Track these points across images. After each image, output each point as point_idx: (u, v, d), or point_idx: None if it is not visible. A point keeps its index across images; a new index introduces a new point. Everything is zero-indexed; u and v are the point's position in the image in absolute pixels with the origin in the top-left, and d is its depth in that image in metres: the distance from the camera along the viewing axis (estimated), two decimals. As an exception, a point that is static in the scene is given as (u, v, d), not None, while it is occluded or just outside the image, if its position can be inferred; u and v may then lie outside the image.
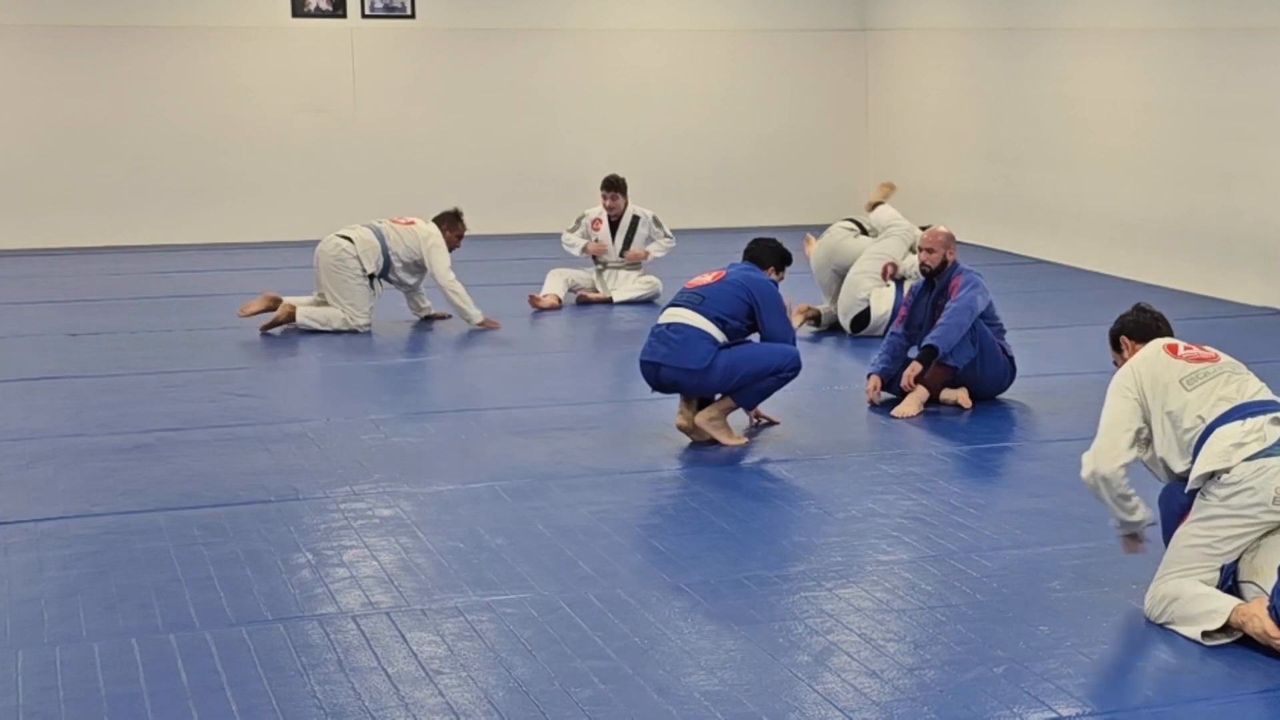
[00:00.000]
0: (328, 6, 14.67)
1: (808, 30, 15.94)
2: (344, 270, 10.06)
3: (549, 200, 15.22)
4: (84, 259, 13.50)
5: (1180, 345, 5.13)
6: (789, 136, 15.96)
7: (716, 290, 7.24)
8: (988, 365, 7.94)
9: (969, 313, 7.85)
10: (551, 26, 15.25)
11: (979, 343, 7.86)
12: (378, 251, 10.11)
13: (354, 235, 10.17)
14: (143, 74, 14.33)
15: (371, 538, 5.80)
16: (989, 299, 8.02)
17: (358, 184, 14.58)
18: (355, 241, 10.12)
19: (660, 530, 5.89)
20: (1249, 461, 4.72)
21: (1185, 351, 5.07)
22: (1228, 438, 4.78)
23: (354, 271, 10.06)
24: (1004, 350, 8.03)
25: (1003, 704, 4.26)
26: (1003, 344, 8.05)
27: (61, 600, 5.15)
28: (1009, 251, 13.72)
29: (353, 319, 10.06)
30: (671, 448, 7.13)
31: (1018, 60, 13.72)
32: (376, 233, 10.19)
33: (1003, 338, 8.09)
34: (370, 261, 10.08)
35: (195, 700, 4.33)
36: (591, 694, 4.36)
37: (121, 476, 6.66)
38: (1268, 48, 10.77)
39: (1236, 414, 4.83)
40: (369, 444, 7.21)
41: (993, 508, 6.18)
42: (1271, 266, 10.84)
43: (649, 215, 11.60)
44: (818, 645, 4.71)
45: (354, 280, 10.06)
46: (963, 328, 7.81)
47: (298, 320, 10.03)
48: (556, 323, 10.56)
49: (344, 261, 10.07)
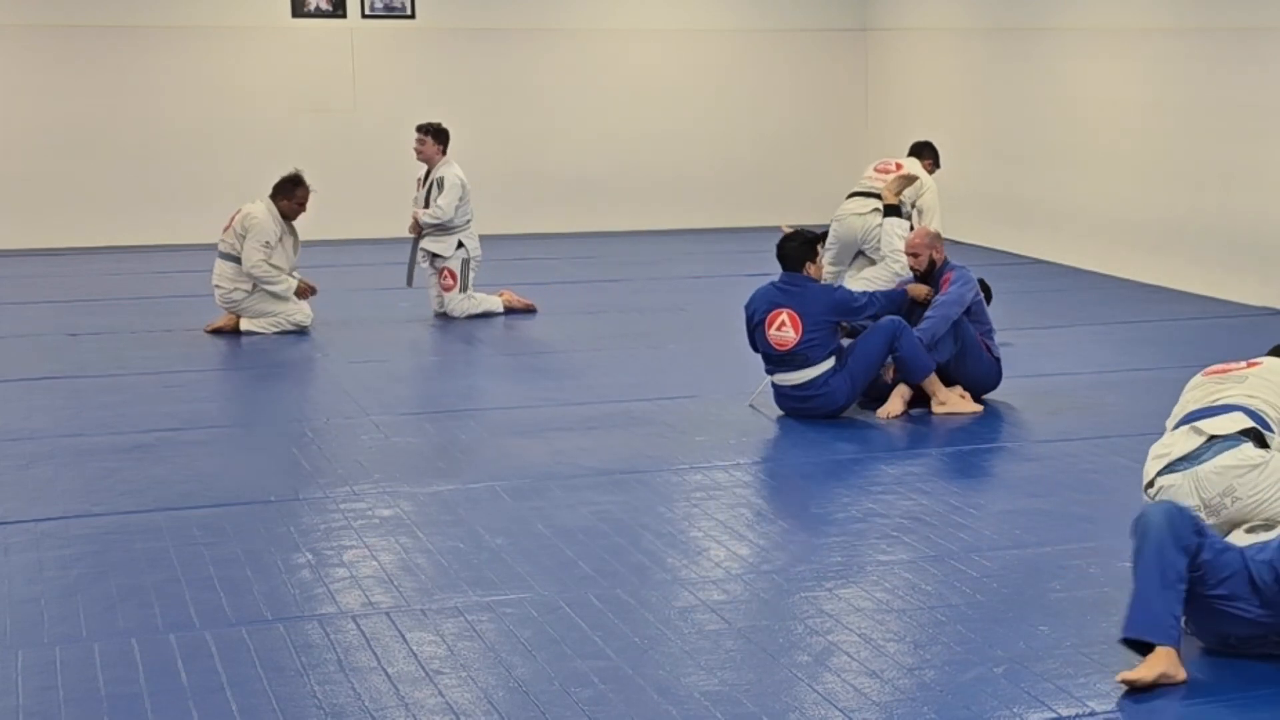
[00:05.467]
0: (328, 6, 14.67)
1: (808, 30, 15.95)
2: (239, 304, 10.05)
3: (549, 200, 15.24)
4: (84, 259, 13.51)
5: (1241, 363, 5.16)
6: (789, 136, 15.96)
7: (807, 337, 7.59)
8: (970, 363, 7.86)
9: (957, 306, 7.80)
10: (551, 26, 15.25)
11: (960, 339, 7.81)
12: (235, 269, 10.00)
13: (214, 275, 10.09)
14: (143, 74, 14.34)
15: (371, 538, 5.80)
16: (979, 298, 8.01)
17: (358, 184, 14.57)
18: (218, 279, 10.05)
19: (660, 530, 5.89)
20: (1161, 475, 4.83)
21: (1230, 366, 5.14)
22: (1155, 450, 4.92)
23: (245, 297, 10.01)
24: (989, 349, 7.97)
25: (1003, 704, 4.26)
26: (989, 343, 8.00)
27: (61, 600, 5.15)
28: (1009, 251, 13.72)
29: (289, 319, 10.06)
30: (671, 448, 7.13)
31: (1018, 60, 13.72)
32: (222, 255, 10.08)
33: (991, 338, 8.04)
34: (240, 283, 9.99)
35: (195, 700, 4.33)
36: (591, 694, 4.36)
37: (121, 476, 6.66)
38: (1268, 48, 10.77)
39: (1182, 423, 4.93)
40: (369, 444, 7.21)
41: (993, 508, 6.18)
42: (1271, 266, 10.84)
43: (442, 175, 10.55)
44: (818, 645, 4.71)
45: (252, 300, 10.02)
46: (949, 319, 7.77)
47: (242, 328, 10.03)
48: (556, 323, 10.55)
49: (231, 299, 10.04)
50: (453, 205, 10.49)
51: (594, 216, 15.38)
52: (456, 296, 10.59)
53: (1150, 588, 4.34)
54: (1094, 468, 6.72)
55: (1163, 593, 4.33)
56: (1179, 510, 4.43)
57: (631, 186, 15.56)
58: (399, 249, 11.30)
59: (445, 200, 10.47)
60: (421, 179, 10.78)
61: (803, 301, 7.60)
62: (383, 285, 11.17)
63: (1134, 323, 10.37)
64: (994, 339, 8.08)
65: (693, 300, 11.28)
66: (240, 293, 10.03)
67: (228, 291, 10.05)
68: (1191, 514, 4.46)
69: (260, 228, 10.00)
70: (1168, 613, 4.33)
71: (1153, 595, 4.34)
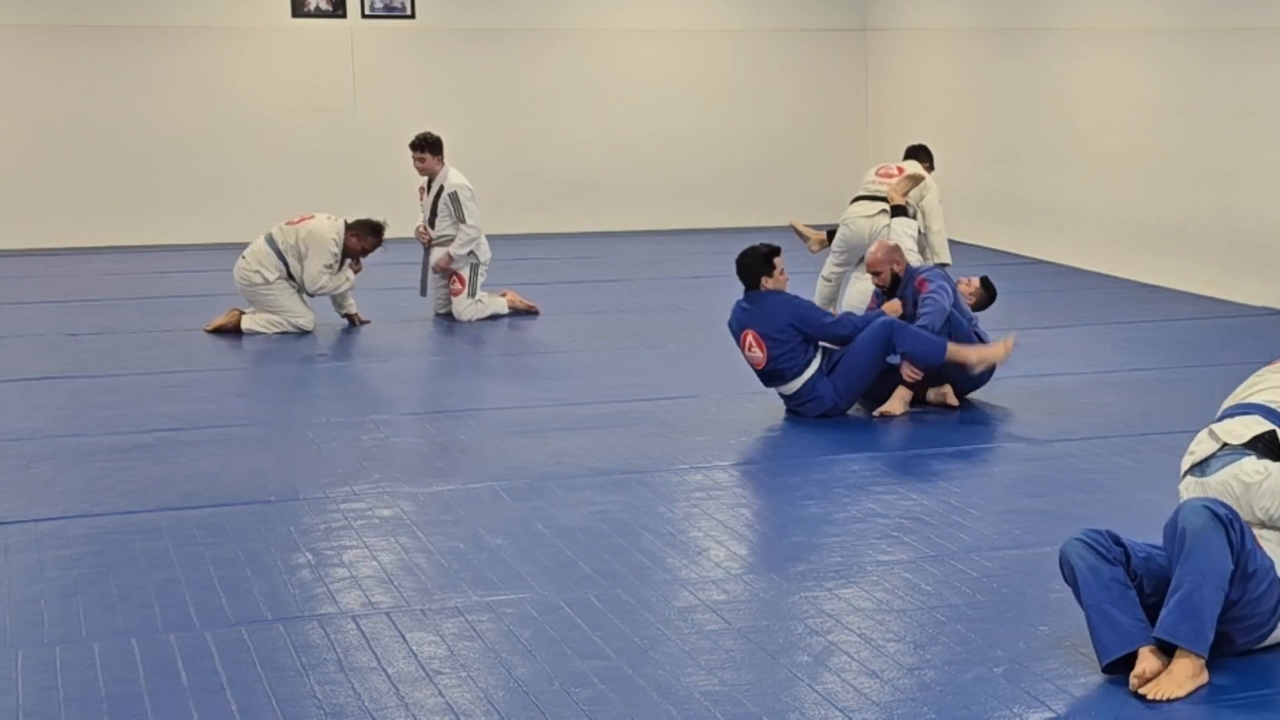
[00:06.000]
0: (328, 6, 14.67)
1: (808, 30, 15.94)
2: (254, 289, 10.07)
3: (549, 200, 15.24)
4: (84, 259, 13.51)
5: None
6: (789, 136, 15.96)
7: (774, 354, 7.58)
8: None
9: (945, 296, 7.73)
10: (551, 26, 15.24)
11: (954, 335, 7.76)
12: (272, 257, 10.04)
13: (248, 250, 10.17)
14: (143, 74, 14.34)
15: (371, 538, 5.80)
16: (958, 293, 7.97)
17: (358, 184, 14.56)
18: (249, 256, 10.10)
19: (660, 530, 5.89)
20: (1186, 476, 4.80)
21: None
22: (1191, 445, 4.86)
23: (261, 283, 10.03)
24: (980, 338, 7.90)
25: (1003, 704, 4.26)
26: (979, 332, 7.93)
27: (61, 600, 5.15)
28: (1009, 251, 13.72)
29: (291, 321, 10.06)
30: (671, 448, 7.13)
31: (1018, 60, 13.72)
32: (269, 239, 10.14)
33: (978, 326, 7.98)
34: (269, 268, 10.02)
35: (195, 700, 4.33)
36: (591, 694, 4.36)
37: (121, 476, 6.66)
38: (1268, 48, 10.77)
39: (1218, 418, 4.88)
40: (369, 444, 7.21)
41: (993, 508, 6.17)
42: (1271, 266, 10.84)
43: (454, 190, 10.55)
44: (818, 645, 4.71)
45: (269, 291, 10.04)
46: (944, 309, 7.69)
47: (243, 327, 10.03)
48: (556, 323, 10.55)
49: (249, 279, 10.07)
50: (477, 217, 10.56)
51: (594, 216, 15.38)
52: (464, 301, 10.58)
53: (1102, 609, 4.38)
54: (1094, 468, 6.72)
55: (1119, 607, 4.37)
56: (1093, 533, 4.47)
57: (631, 186, 15.55)
58: (399, 249, 11.30)
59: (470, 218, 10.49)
60: (424, 189, 10.76)
61: (763, 320, 7.60)
62: (383, 285, 11.16)
63: (1134, 323, 10.37)
64: (980, 328, 8.01)
65: (693, 300, 11.28)
66: (260, 278, 10.02)
67: (250, 272, 10.04)
68: (1106, 532, 4.47)
69: (322, 249, 10.04)
70: (1134, 620, 4.36)
71: (1110, 613, 4.37)
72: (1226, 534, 4.31)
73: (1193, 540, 4.31)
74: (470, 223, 10.50)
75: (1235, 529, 4.34)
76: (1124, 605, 4.38)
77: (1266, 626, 4.48)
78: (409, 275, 11.18)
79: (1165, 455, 6.70)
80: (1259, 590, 4.40)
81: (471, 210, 10.52)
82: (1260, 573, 4.40)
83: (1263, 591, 4.42)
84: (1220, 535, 4.30)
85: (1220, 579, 4.28)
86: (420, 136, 10.57)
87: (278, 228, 10.19)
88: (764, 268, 7.64)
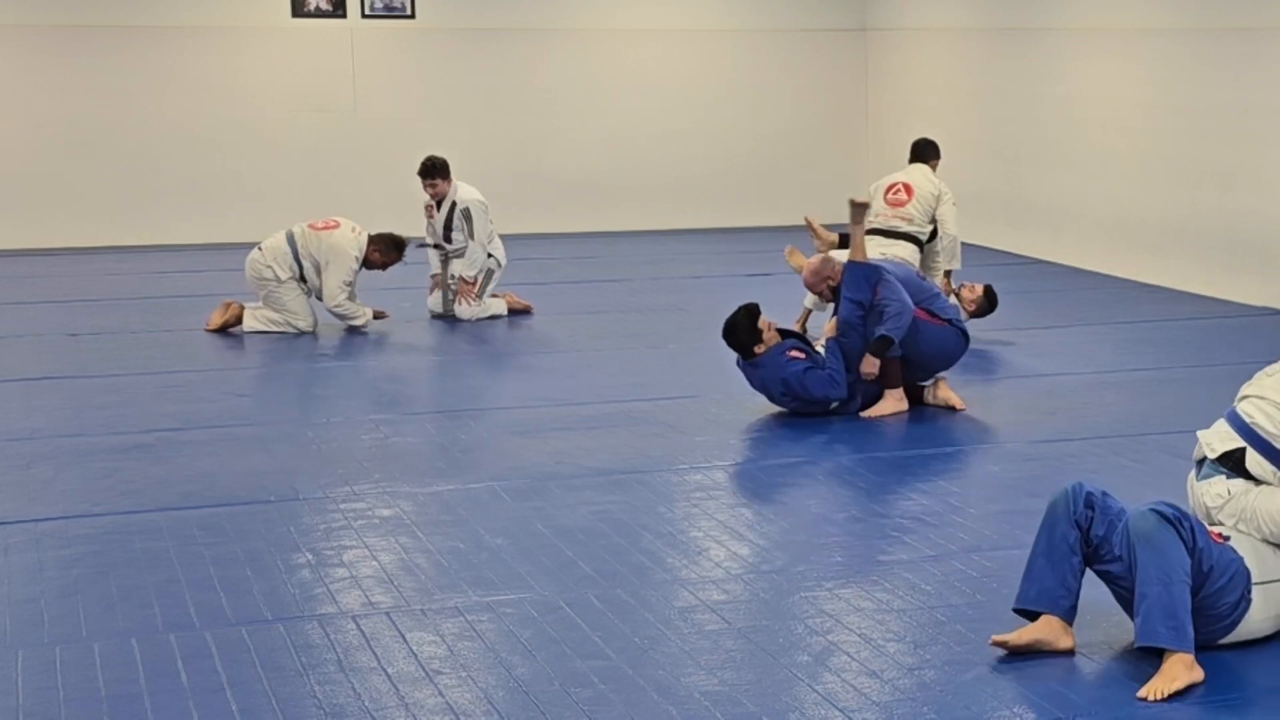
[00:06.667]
0: (328, 6, 14.67)
1: (808, 30, 15.94)
2: (263, 282, 10.04)
3: (549, 200, 15.23)
4: (84, 259, 13.50)
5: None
6: (789, 136, 15.95)
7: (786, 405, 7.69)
8: (922, 341, 7.67)
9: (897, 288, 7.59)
10: (551, 26, 15.24)
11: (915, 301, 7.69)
12: (288, 257, 10.02)
13: (266, 243, 10.14)
14: (143, 74, 14.33)
15: (371, 538, 5.80)
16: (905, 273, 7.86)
17: (358, 184, 14.57)
18: (265, 250, 10.08)
19: (660, 530, 5.89)
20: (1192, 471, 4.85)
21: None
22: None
23: (272, 280, 10.01)
24: (935, 316, 7.73)
25: (1003, 704, 4.26)
26: (932, 310, 7.73)
27: (61, 600, 5.15)
28: (1009, 251, 13.72)
29: (293, 323, 10.06)
30: (671, 448, 7.13)
31: (1018, 60, 13.72)
32: (289, 237, 10.10)
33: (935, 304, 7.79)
34: (282, 267, 10.00)
35: (195, 700, 4.33)
36: (591, 694, 4.36)
37: (121, 476, 6.66)
38: (1268, 48, 10.77)
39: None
40: (369, 444, 7.21)
41: (993, 508, 6.18)
42: (1271, 266, 10.84)
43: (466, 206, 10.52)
44: (818, 645, 4.71)
45: (277, 288, 10.02)
46: (905, 305, 7.54)
47: (245, 324, 10.03)
48: (556, 323, 10.55)
49: (259, 273, 10.05)
50: (489, 232, 10.54)
51: (594, 216, 15.37)
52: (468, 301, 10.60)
53: (1039, 561, 4.58)
54: (1094, 468, 6.71)
55: (1052, 565, 4.55)
56: (1077, 486, 4.59)
57: (631, 186, 15.55)
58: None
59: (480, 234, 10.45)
60: (431, 206, 10.69)
61: (762, 385, 7.70)
62: (383, 285, 11.15)
63: (1134, 323, 10.37)
64: (940, 303, 7.85)
65: (693, 300, 11.28)
66: (271, 274, 10.00)
67: (263, 266, 10.01)
68: (1088, 489, 4.57)
69: (343, 262, 9.98)
70: (1059, 584, 4.54)
71: (1043, 568, 4.56)
72: (1177, 531, 4.39)
73: (1145, 545, 4.38)
74: (479, 240, 10.47)
75: (1185, 526, 4.41)
76: (1057, 566, 4.54)
77: (1229, 619, 4.52)
78: (409, 275, 11.18)
79: (1165, 455, 6.72)
80: (1219, 584, 4.46)
81: (484, 226, 10.50)
82: (1218, 568, 4.46)
83: (1223, 585, 4.47)
84: (1171, 533, 4.38)
85: (1183, 574, 4.35)
86: (427, 163, 10.52)
87: (300, 229, 10.14)
88: (752, 338, 7.63)
